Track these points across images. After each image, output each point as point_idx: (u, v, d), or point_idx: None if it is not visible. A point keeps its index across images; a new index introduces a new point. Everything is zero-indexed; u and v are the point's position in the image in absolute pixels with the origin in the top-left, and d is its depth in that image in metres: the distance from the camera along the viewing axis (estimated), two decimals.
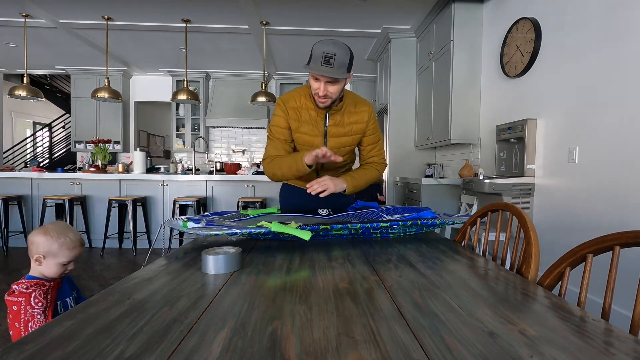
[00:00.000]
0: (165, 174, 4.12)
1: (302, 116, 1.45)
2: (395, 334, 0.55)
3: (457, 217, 1.31)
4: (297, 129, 1.46)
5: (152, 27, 4.58)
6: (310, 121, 1.45)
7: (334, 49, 1.24)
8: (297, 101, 1.45)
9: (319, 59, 1.24)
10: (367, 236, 1.27)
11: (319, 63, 1.24)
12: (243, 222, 1.26)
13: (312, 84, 1.33)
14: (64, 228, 1.20)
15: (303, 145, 1.49)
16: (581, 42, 2.32)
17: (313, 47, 1.26)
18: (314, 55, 1.25)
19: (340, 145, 1.49)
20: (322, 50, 1.23)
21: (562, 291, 0.87)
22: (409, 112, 4.52)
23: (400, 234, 1.30)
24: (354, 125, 1.47)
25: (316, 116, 1.44)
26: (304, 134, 1.46)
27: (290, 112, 1.45)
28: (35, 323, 1.08)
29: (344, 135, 1.48)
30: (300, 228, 1.08)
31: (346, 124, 1.47)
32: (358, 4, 3.90)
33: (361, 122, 1.48)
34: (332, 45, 1.24)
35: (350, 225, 1.15)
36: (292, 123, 1.46)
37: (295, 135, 1.48)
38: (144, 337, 0.53)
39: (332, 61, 1.24)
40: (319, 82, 1.30)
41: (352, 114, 1.47)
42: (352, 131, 1.48)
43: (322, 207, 1.58)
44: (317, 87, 1.32)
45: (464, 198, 3.40)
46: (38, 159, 8.65)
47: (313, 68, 1.26)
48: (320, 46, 1.24)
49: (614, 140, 2.07)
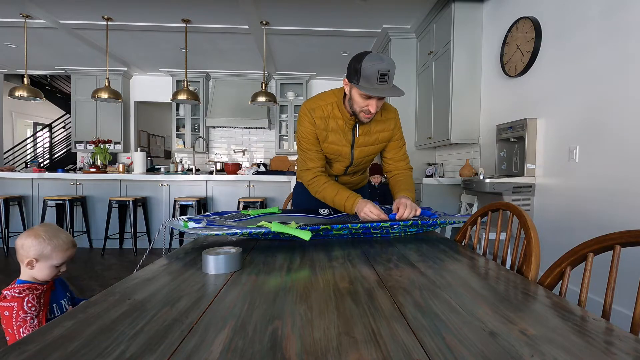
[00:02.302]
0: (165, 174, 4.12)
1: (330, 125, 1.40)
2: (396, 334, 0.55)
3: (457, 217, 1.30)
4: (325, 138, 1.42)
5: (152, 27, 4.58)
6: (338, 130, 1.41)
7: (387, 65, 1.17)
8: (324, 110, 1.40)
9: (374, 78, 1.17)
10: (367, 236, 1.27)
11: (374, 82, 1.18)
12: (244, 222, 1.26)
13: (360, 102, 1.27)
14: (55, 230, 1.17)
15: (330, 154, 1.46)
16: (581, 41, 2.32)
17: (361, 63, 1.18)
18: (365, 74, 1.18)
19: (367, 154, 1.48)
20: (376, 68, 1.16)
21: (563, 291, 0.87)
22: (409, 112, 4.52)
23: (400, 234, 1.30)
24: (380, 133, 1.45)
25: (344, 126, 1.40)
26: (332, 144, 1.43)
27: (318, 122, 1.40)
28: (27, 328, 1.04)
29: (371, 145, 1.46)
30: (300, 228, 1.08)
31: (373, 133, 1.44)
32: (358, 4, 3.90)
33: (388, 130, 1.46)
34: (383, 61, 1.17)
35: (351, 225, 1.15)
36: (320, 132, 1.41)
37: (324, 145, 1.44)
38: (145, 337, 0.53)
39: (387, 78, 1.18)
40: (372, 99, 1.25)
41: (379, 122, 1.44)
42: (379, 140, 1.46)
43: (323, 207, 1.57)
44: (366, 105, 1.27)
45: (465, 198, 3.40)
46: (38, 159, 8.66)
47: (369, 89, 1.19)
48: (372, 63, 1.17)
49: (614, 140, 2.07)
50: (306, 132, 1.42)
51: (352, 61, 1.23)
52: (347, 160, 1.48)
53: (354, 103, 1.30)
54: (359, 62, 1.19)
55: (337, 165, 1.52)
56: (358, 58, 1.21)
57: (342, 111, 1.38)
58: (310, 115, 1.40)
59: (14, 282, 1.14)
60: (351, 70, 1.23)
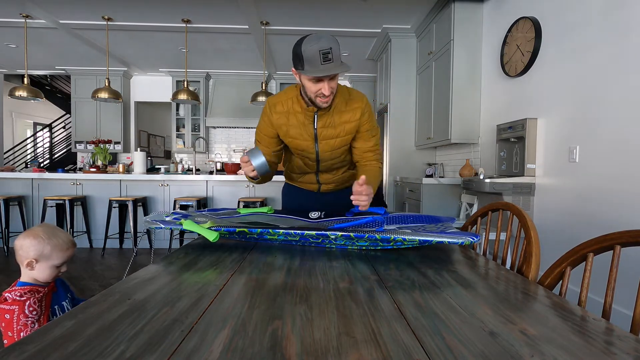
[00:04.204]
0: (165, 174, 4.12)
1: (290, 121, 1.38)
2: (396, 334, 0.55)
3: (466, 238, 1.03)
4: (287, 133, 1.40)
5: (152, 27, 4.58)
6: (298, 125, 1.38)
7: (327, 42, 1.14)
8: (284, 105, 1.38)
9: (317, 59, 1.14)
10: (344, 247, 1.16)
11: (318, 63, 1.15)
12: (228, 220, 1.23)
13: (311, 86, 1.23)
14: (54, 229, 1.16)
15: (296, 149, 1.44)
16: (581, 41, 2.32)
17: (301, 48, 1.15)
18: (307, 57, 1.15)
19: (333, 147, 1.42)
20: (316, 48, 1.13)
21: (563, 290, 0.87)
22: (409, 112, 4.51)
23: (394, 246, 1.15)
24: (346, 124, 1.38)
25: (304, 119, 1.36)
26: (294, 139, 1.41)
27: (277, 117, 1.39)
28: (27, 332, 1.02)
29: (336, 137, 1.40)
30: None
31: (337, 125, 1.38)
32: (358, 4, 3.90)
33: (354, 120, 1.38)
34: (322, 40, 1.14)
35: (330, 235, 1.09)
36: (281, 128, 1.40)
37: (287, 140, 1.42)
38: (145, 337, 0.53)
39: (330, 56, 1.14)
40: (322, 82, 1.21)
41: (344, 112, 1.37)
42: (345, 131, 1.40)
43: (321, 209, 1.53)
44: (319, 88, 1.23)
45: (465, 198, 3.40)
46: (38, 159, 8.66)
47: (313, 71, 1.16)
48: (310, 45, 1.14)
49: (614, 140, 2.07)
50: (261, 126, 1.45)
51: (294, 48, 1.20)
52: (312, 154, 1.43)
53: (307, 90, 1.27)
54: (299, 47, 1.17)
55: (307, 161, 1.49)
56: (298, 43, 1.18)
57: (300, 103, 1.35)
58: (270, 111, 1.40)
59: (14, 283, 1.12)
60: (295, 57, 1.20)
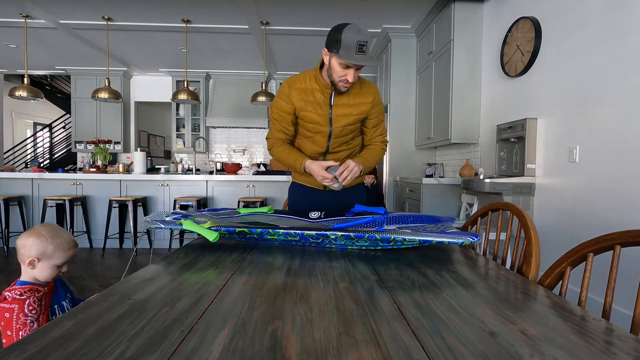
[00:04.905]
0: (165, 174, 4.12)
1: (308, 97, 1.47)
2: (396, 334, 0.55)
3: (466, 238, 1.03)
4: (303, 107, 1.49)
5: (152, 27, 4.58)
6: (315, 102, 1.47)
7: (366, 36, 1.25)
8: (302, 82, 1.47)
9: (353, 48, 1.24)
10: (344, 247, 1.17)
11: (354, 52, 1.25)
12: (229, 220, 1.23)
13: (339, 71, 1.33)
14: (56, 229, 1.17)
15: (309, 123, 1.51)
16: (581, 41, 2.32)
17: (341, 35, 1.25)
18: (345, 44, 1.25)
19: (344, 124, 1.52)
20: (355, 38, 1.24)
21: (563, 290, 0.87)
22: (409, 112, 4.51)
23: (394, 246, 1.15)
24: (359, 105, 1.50)
25: (322, 96, 1.47)
26: (310, 112, 1.49)
27: (296, 93, 1.47)
28: (26, 331, 1.02)
29: (349, 115, 1.50)
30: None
31: (351, 105, 1.48)
32: (358, 4, 3.89)
33: (366, 102, 1.50)
34: (362, 32, 1.25)
35: (330, 235, 1.10)
36: (298, 102, 1.48)
37: (301, 114, 1.50)
38: (145, 337, 0.53)
39: (365, 48, 1.26)
40: (350, 69, 1.31)
41: (358, 94, 1.49)
42: (358, 111, 1.50)
43: (330, 207, 1.55)
44: (345, 74, 1.33)
45: (465, 198, 3.40)
46: (38, 159, 8.66)
47: (348, 57, 1.26)
48: (351, 34, 1.24)
49: (614, 140, 2.07)
50: (280, 104, 1.50)
51: (332, 32, 1.29)
52: (326, 129, 1.51)
53: (333, 72, 1.36)
54: (339, 33, 1.26)
55: (318, 137, 1.55)
56: (338, 29, 1.27)
57: (319, 81, 1.44)
58: (289, 87, 1.47)
59: (14, 282, 1.12)
60: (331, 40, 1.29)
